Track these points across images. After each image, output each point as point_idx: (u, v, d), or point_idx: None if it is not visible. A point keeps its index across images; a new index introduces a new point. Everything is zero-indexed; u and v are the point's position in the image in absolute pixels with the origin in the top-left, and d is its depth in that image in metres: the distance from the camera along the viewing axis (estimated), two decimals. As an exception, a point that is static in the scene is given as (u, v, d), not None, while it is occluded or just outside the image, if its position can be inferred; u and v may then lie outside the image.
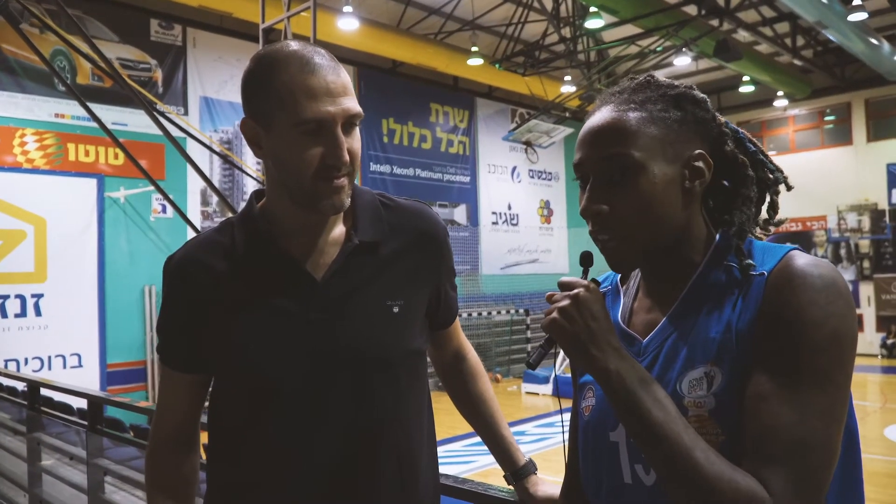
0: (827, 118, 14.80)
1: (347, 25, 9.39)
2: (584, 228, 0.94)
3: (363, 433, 1.11)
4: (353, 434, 1.10)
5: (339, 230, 1.15)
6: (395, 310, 1.14)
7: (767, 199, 0.95)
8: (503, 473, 1.36)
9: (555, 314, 0.86)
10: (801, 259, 0.83)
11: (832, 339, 0.79)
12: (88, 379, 8.22)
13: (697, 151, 0.89)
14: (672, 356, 0.88)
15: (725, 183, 0.94)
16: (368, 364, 1.11)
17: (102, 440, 3.07)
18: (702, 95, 0.92)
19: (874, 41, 11.35)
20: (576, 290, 0.86)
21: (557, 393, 9.83)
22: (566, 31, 11.35)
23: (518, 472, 1.34)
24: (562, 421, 1.15)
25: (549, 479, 1.33)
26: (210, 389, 1.19)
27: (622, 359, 0.84)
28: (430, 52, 11.20)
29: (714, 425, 0.82)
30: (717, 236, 0.92)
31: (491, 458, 1.43)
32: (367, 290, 1.13)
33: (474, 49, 11.29)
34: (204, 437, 1.23)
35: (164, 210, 9.07)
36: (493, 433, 1.36)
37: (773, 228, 0.97)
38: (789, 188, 0.95)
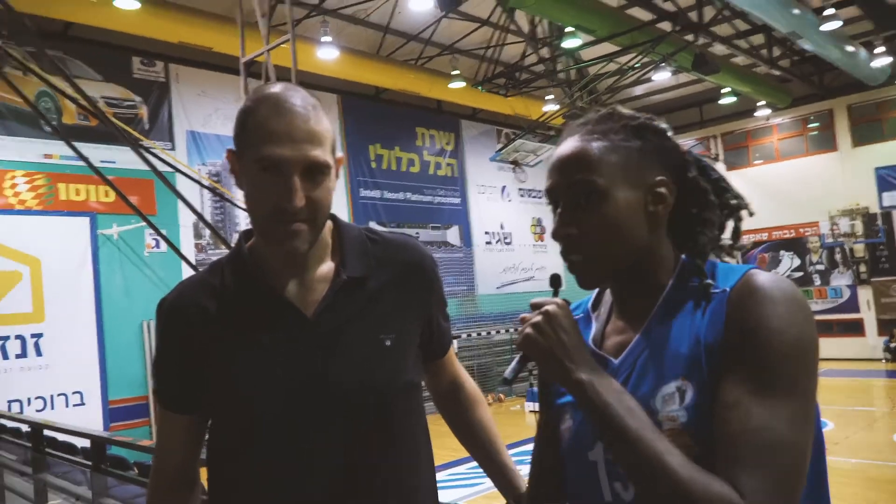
0: (810, 125, 14.91)
1: (327, 55, 9.54)
2: None
3: (359, 469, 1.12)
4: (349, 470, 1.11)
5: (327, 266, 1.18)
6: (388, 343, 1.16)
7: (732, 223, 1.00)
8: (505, 502, 1.37)
9: (528, 329, 0.91)
10: (760, 276, 0.88)
11: (795, 345, 0.82)
12: (91, 416, 8.24)
13: (659, 178, 0.94)
14: (644, 373, 0.92)
15: (694, 211, 0.98)
16: (362, 399, 1.13)
17: (107, 479, 3.12)
18: (663, 126, 0.97)
19: (850, 48, 11.48)
20: (546, 307, 0.91)
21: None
22: (544, 52, 11.53)
23: (520, 498, 1.34)
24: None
25: None
26: (208, 429, 1.22)
27: (594, 370, 0.88)
28: (412, 77, 11.37)
29: (687, 438, 0.84)
30: (683, 258, 0.98)
31: (497, 481, 1.45)
32: (358, 325, 1.15)
33: (455, 72, 11.46)
34: (203, 474, 1.25)
35: (157, 245, 9.12)
36: (493, 461, 1.38)
37: (737, 253, 1.01)
38: (751, 214, 0.99)
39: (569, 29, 9.93)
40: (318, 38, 9.51)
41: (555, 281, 1.00)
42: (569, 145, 0.96)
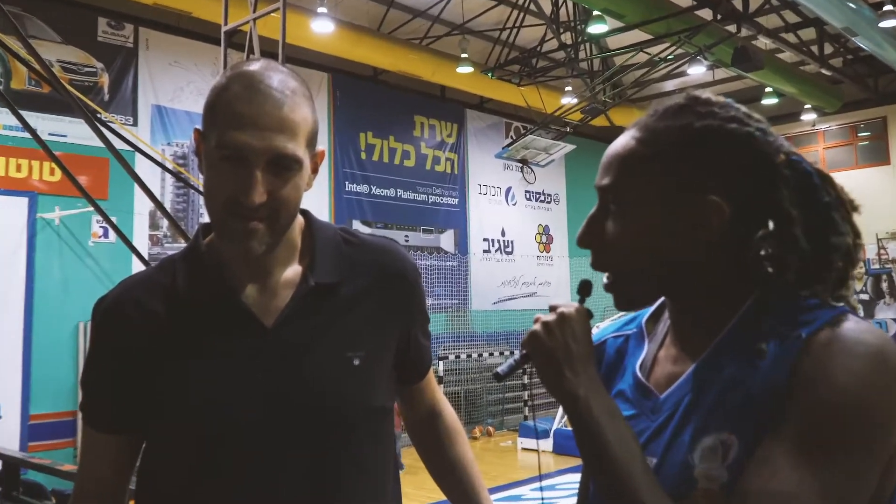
0: (861, 134, 14.97)
1: (322, 28, 9.49)
2: (588, 258, 1.00)
3: (319, 493, 1.12)
4: (307, 494, 1.11)
5: (293, 270, 1.18)
6: (356, 361, 1.16)
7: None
8: None
9: (536, 327, 0.92)
10: (848, 322, 0.84)
11: (861, 412, 0.78)
12: (8, 432, 7.97)
13: (710, 198, 0.90)
14: (687, 418, 0.90)
15: (769, 250, 0.94)
16: (325, 423, 1.13)
17: None
18: (744, 131, 0.91)
19: (910, 50, 11.58)
20: (562, 309, 0.93)
21: (559, 449, 9.74)
22: (566, 37, 11.51)
23: None
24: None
25: None
26: (141, 454, 1.20)
27: (594, 387, 0.89)
28: (415, 58, 11.32)
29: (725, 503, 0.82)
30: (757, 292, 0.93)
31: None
32: (323, 339, 1.15)
33: (464, 56, 11.42)
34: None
35: (105, 234, 9.00)
36: (472, 503, 1.38)
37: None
38: (855, 263, 0.94)
39: (596, 12, 9.90)
40: (312, 9, 9.44)
41: (583, 288, 1.00)
42: (619, 140, 0.97)
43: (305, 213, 1.22)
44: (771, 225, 0.91)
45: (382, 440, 1.21)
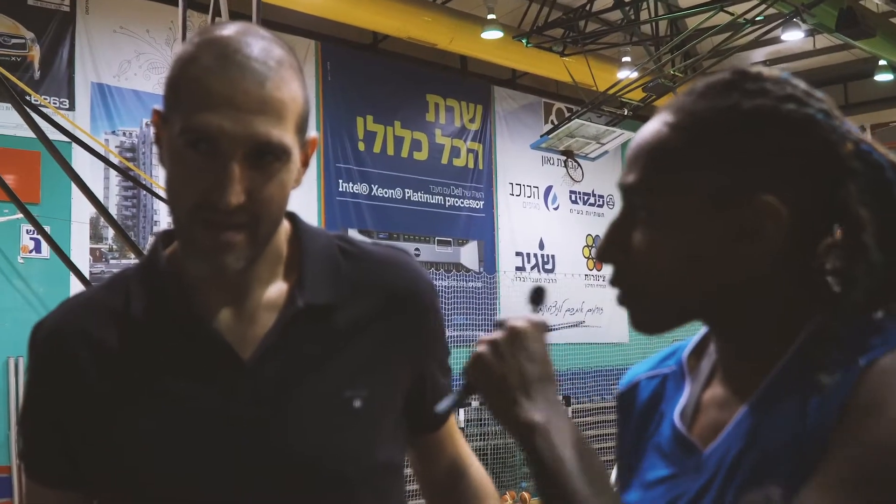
0: None
1: (308, -17, 9.55)
2: None
3: None
4: None
5: (276, 288, 1.20)
6: (357, 403, 1.17)
7: None
8: None
9: (482, 348, 0.96)
10: None
11: None
12: None
13: (764, 198, 0.91)
14: (732, 474, 0.92)
15: (835, 262, 0.97)
16: (316, 483, 1.14)
17: None
18: (804, 113, 0.93)
19: None
20: (512, 322, 0.97)
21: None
22: (624, -8, 11.54)
23: None
24: None
25: None
26: None
27: (555, 414, 0.92)
28: (428, 20, 11.33)
29: None
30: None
31: None
32: (315, 376, 1.17)
33: (491, 17, 11.39)
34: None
35: (37, 248, 9.12)
36: None
37: None
38: None
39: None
40: (298, -43, 9.46)
41: (536, 294, 1.05)
42: (649, 125, 0.99)
43: (292, 217, 1.24)
44: (836, 231, 0.93)
45: (385, 501, 1.23)
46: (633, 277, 0.97)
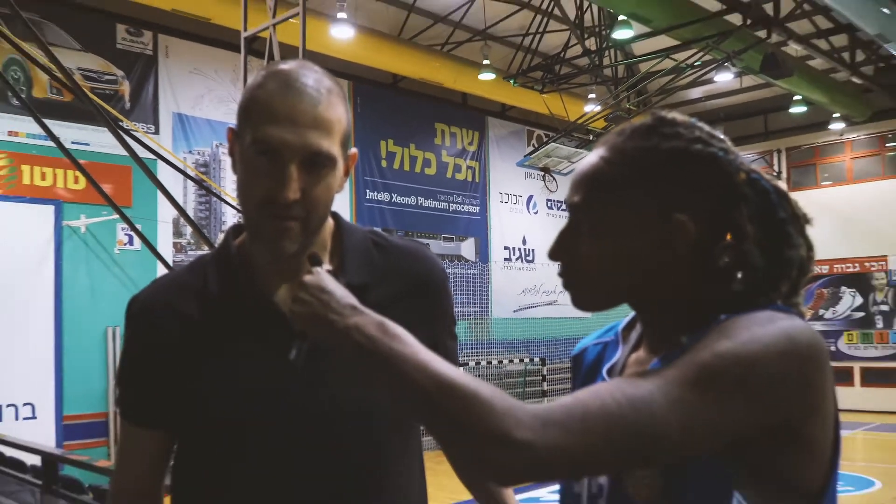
0: (889, 144, 14.82)
1: (342, 34, 9.50)
2: None
3: (342, 496, 1.13)
4: (331, 497, 1.13)
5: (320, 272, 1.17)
6: (355, 361, 1.14)
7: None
8: None
9: (292, 306, 0.96)
10: (775, 311, 0.87)
11: (750, 367, 0.79)
12: (43, 432, 8.11)
13: (677, 217, 0.93)
14: None
15: (725, 260, 0.97)
16: (350, 421, 1.13)
17: (59, 502, 3.07)
18: (708, 152, 0.95)
19: (943, 57, 11.42)
20: (299, 279, 0.97)
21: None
22: (591, 43, 11.47)
23: None
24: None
25: None
26: (175, 447, 1.22)
27: (360, 314, 0.90)
28: (436, 65, 11.32)
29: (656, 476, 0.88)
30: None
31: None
32: None
33: (486, 62, 11.39)
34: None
35: (130, 241, 9.08)
36: (496, 501, 1.38)
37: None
38: (807, 273, 0.97)
39: (622, 17, 9.84)
40: (332, 15, 9.46)
41: (313, 259, 1.03)
42: (588, 158, 1.01)
43: (335, 216, 1.24)
44: (728, 239, 0.95)
45: (407, 439, 1.22)
46: (574, 272, 0.98)
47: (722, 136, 0.98)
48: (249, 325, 1.14)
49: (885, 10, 9.68)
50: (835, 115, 13.89)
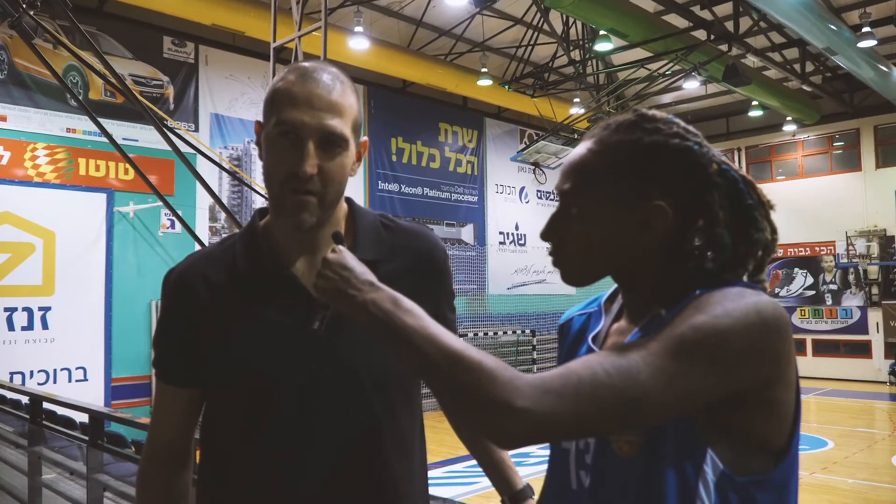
0: (836, 144, 14.78)
1: (358, 45, 9.46)
2: None
3: (355, 453, 1.11)
4: (345, 454, 1.10)
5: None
6: (372, 332, 1.13)
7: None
8: (500, 498, 1.35)
9: (316, 281, 0.93)
10: (744, 287, 0.86)
11: (721, 338, 0.78)
12: (94, 393, 8.22)
13: (657, 203, 0.90)
14: None
15: (696, 241, 0.95)
16: (363, 384, 1.11)
17: (103, 455, 3.06)
18: (684, 145, 0.92)
19: (883, 68, 11.35)
20: (324, 256, 0.95)
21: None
22: (575, 54, 11.41)
23: (516, 495, 1.33)
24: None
25: None
26: (204, 406, 1.19)
27: (377, 289, 0.89)
28: (440, 72, 11.28)
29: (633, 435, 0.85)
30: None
31: (494, 481, 1.43)
32: None
33: (484, 70, 11.35)
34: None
35: (172, 225, 9.10)
36: (490, 456, 1.36)
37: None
38: (771, 253, 0.96)
39: (602, 32, 9.77)
40: (350, 29, 9.44)
41: (336, 237, 1.02)
42: (577, 150, 0.97)
43: (349, 201, 1.21)
44: (701, 222, 0.93)
45: (411, 401, 1.20)
46: (563, 252, 0.96)
47: (696, 132, 0.96)
48: (271, 293, 1.12)
49: (832, 27, 9.63)
50: (788, 119, 13.87)
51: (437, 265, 1.24)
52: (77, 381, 8.19)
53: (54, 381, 8.00)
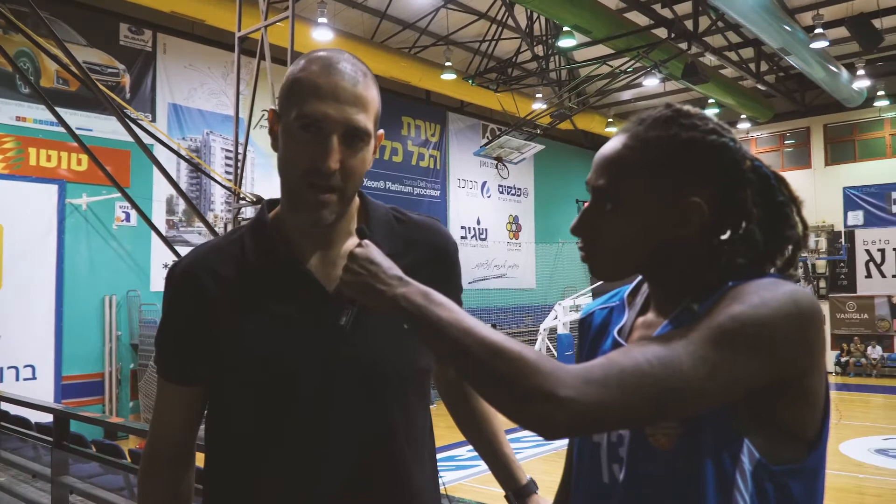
0: (787, 142, 15.23)
1: (322, 37, 9.33)
2: (551, 245, 0.95)
3: (372, 449, 1.09)
4: (361, 450, 1.08)
5: (352, 242, 1.12)
6: (406, 325, 1.11)
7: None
8: (504, 493, 1.33)
9: (342, 276, 0.92)
10: (778, 277, 0.86)
11: (761, 327, 0.78)
12: (42, 391, 7.90)
13: (693, 199, 0.90)
14: None
15: (726, 236, 0.96)
16: (376, 379, 1.09)
17: (68, 456, 2.96)
18: (721, 142, 0.92)
19: (833, 69, 11.74)
20: (349, 251, 0.94)
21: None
22: (539, 50, 11.48)
23: (519, 491, 1.32)
24: None
25: (550, 500, 1.31)
26: (207, 406, 1.15)
27: (406, 284, 0.89)
28: (404, 65, 11.20)
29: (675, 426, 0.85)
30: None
31: (493, 465, 1.42)
32: None
33: (448, 64, 11.33)
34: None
35: (127, 218, 8.86)
36: (494, 451, 1.35)
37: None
38: (802, 247, 0.95)
39: (566, 28, 9.84)
40: (314, 20, 9.32)
41: (360, 233, 1.00)
42: (612, 144, 0.96)
43: (360, 193, 1.17)
44: (735, 219, 0.93)
45: (423, 396, 1.18)
46: (595, 246, 0.95)
47: (728, 127, 0.95)
48: (283, 288, 1.09)
49: (787, 28, 9.90)
50: (742, 116, 14.18)
51: (450, 259, 1.23)
52: (25, 379, 7.91)
53: (1, 380, 7.70)
